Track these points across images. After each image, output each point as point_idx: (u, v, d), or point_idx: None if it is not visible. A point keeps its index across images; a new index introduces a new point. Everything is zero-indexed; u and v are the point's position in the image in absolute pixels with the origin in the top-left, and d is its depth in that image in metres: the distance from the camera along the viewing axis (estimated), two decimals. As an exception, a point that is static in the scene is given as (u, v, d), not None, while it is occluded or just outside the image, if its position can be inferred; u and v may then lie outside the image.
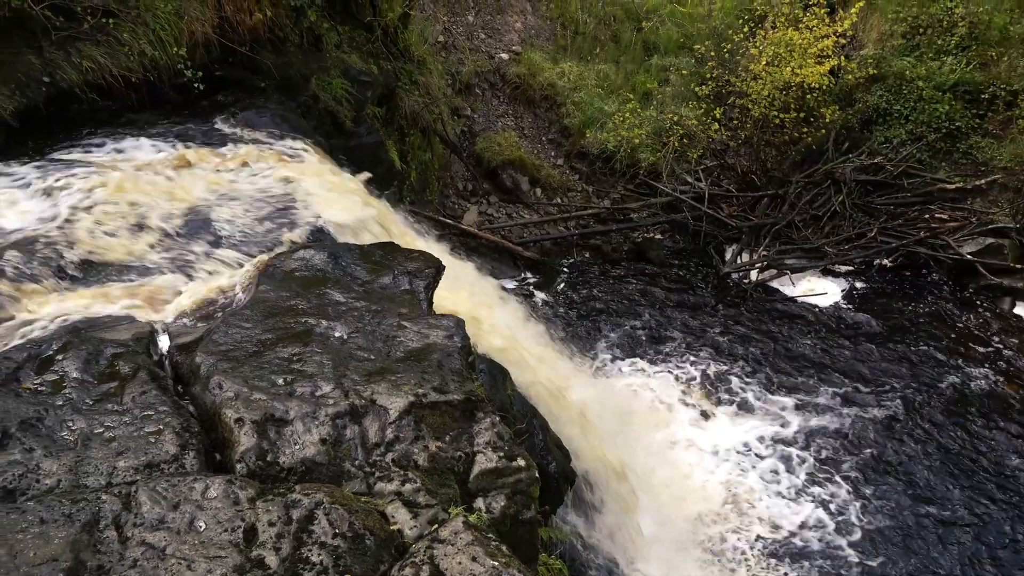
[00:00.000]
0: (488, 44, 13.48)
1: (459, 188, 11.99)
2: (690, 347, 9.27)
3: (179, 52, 6.71)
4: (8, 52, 5.91)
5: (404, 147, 10.16)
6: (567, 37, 13.99)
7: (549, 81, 12.94)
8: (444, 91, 11.84)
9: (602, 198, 12.43)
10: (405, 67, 10.19)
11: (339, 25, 9.21)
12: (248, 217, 5.04)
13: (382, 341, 3.78)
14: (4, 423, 2.83)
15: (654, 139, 12.20)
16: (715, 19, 13.71)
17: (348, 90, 8.46)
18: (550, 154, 12.79)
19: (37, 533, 2.35)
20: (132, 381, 3.23)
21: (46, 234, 4.37)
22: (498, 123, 12.80)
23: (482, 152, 12.12)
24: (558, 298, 10.28)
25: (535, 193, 12.17)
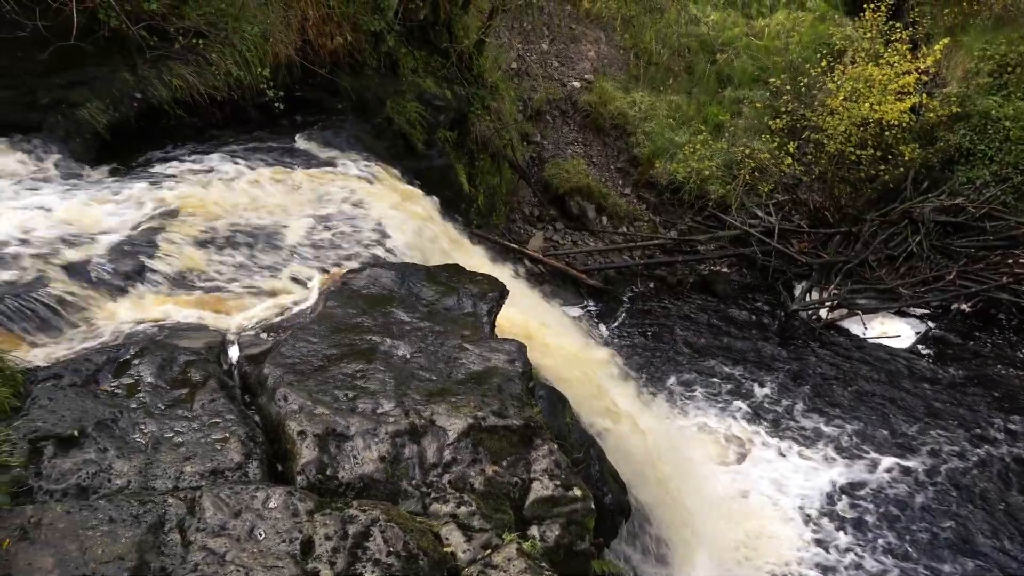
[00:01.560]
0: (561, 72, 13.58)
1: (525, 213, 12.06)
2: (754, 384, 9.06)
3: (263, 73, 6.97)
4: (105, 69, 6.23)
5: (473, 171, 10.28)
6: (640, 67, 13.99)
7: (620, 110, 12.94)
8: (515, 117, 11.96)
9: (669, 229, 12.32)
10: (478, 92, 10.34)
11: (416, 50, 9.43)
12: (320, 233, 5.16)
13: (444, 362, 3.81)
14: (82, 422, 2.94)
15: (724, 171, 12.06)
16: (792, 53, 13.55)
17: (421, 113, 8.62)
18: (618, 183, 12.76)
19: (106, 531, 2.42)
20: (202, 388, 3.33)
21: (130, 242, 4.55)
22: (567, 150, 12.85)
23: (550, 178, 12.17)
24: (620, 327, 10.20)
25: (601, 221, 12.14)
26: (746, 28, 14.68)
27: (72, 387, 3.17)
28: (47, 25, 5.70)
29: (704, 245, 11.98)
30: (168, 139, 6.46)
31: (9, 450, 2.71)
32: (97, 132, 6.00)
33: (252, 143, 6.55)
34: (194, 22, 6.68)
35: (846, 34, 13.33)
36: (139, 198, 5.11)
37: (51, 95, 5.92)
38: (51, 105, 5.89)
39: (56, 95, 5.94)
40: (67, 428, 2.89)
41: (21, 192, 4.97)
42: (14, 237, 4.30)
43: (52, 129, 5.82)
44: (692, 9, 14.64)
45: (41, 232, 4.42)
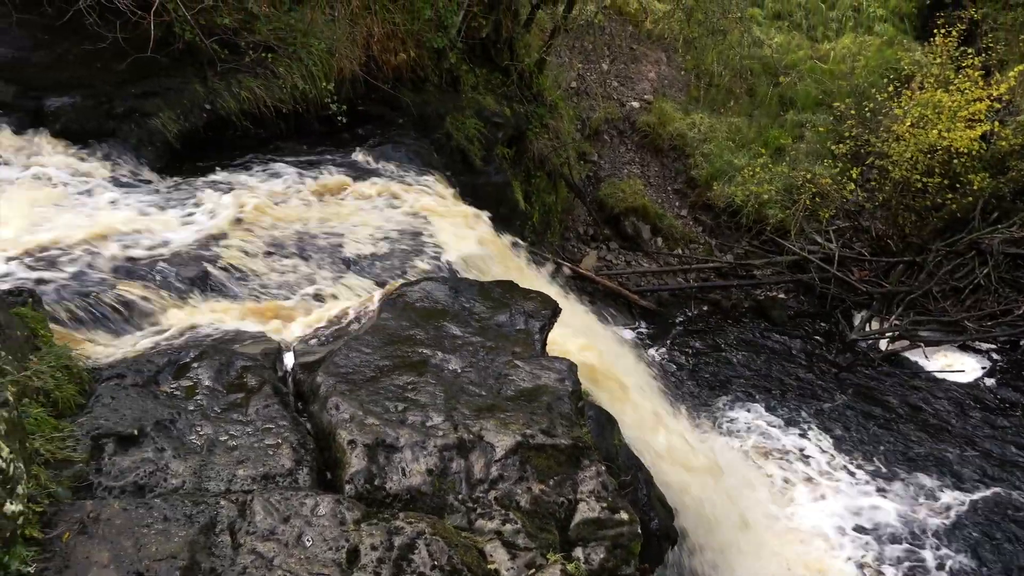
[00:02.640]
0: (620, 92, 13.57)
1: (580, 232, 12.04)
2: (809, 415, 8.84)
3: (327, 87, 7.13)
4: (178, 81, 6.46)
5: (529, 188, 10.33)
6: (700, 88, 13.91)
7: (679, 131, 12.87)
8: (573, 136, 11.99)
9: (725, 252, 12.16)
10: (537, 111, 10.39)
11: (477, 68, 9.54)
12: (377, 246, 5.23)
13: (494, 378, 3.81)
14: (142, 422, 3.02)
15: (784, 196, 11.87)
16: (858, 77, 13.31)
17: (480, 130, 8.71)
18: (674, 204, 12.66)
19: (160, 530, 2.48)
20: (257, 394, 3.39)
21: (193, 248, 4.69)
22: (624, 170, 12.81)
23: (605, 198, 12.14)
24: (673, 350, 10.08)
25: (656, 242, 12.05)
26: (811, 51, 14.49)
27: (134, 387, 3.26)
28: (126, 37, 5.95)
29: (761, 270, 11.79)
30: (234, 149, 6.64)
31: (73, 446, 2.79)
32: (167, 141, 6.21)
33: (314, 155, 6.69)
34: (264, 37, 6.88)
35: (915, 59, 13.05)
36: (204, 206, 5.27)
37: (126, 104, 6.15)
38: (126, 114, 6.12)
39: (131, 104, 6.17)
40: (128, 427, 2.97)
41: (94, 196, 5.16)
42: (85, 239, 4.47)
43: (126, 137, 6.04)
44: (755, 31, 14.51)
45: (111, 235, 4.58)
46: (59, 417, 2.90)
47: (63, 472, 2.69)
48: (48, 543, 2.33)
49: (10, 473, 2.24)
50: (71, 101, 5.99)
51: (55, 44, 6.23)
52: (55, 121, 5.87)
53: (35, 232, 4.45)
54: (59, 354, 3.13)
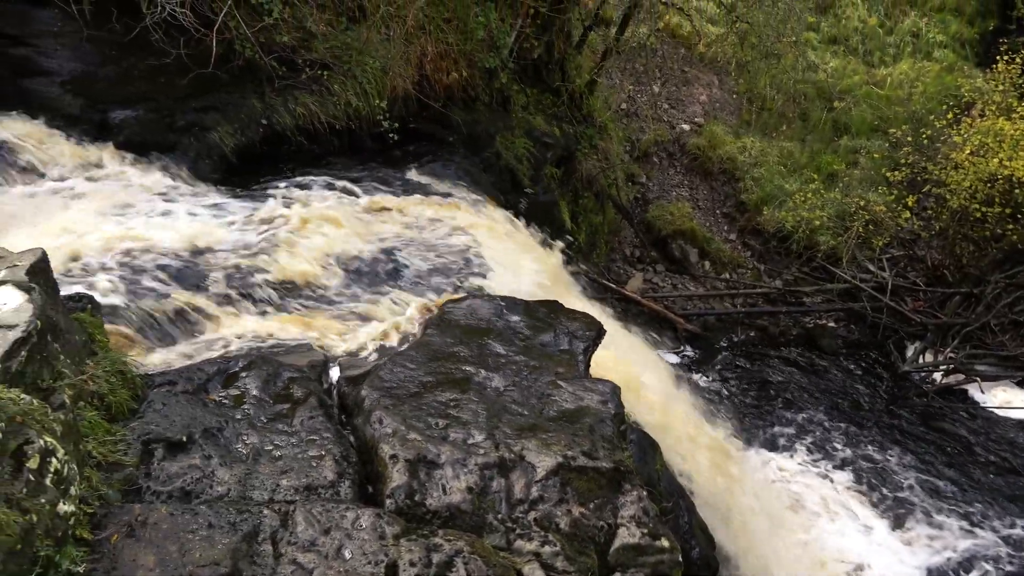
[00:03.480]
0: (671, 114, 13.52)
1: (626, 254, 11.98)
2: (857, 448, 8.61)
3: (380, 104, 7.25)
4: (237, 96, 6.63)
5: (577, 208, 10.33)
6: (752, 112, 13.78)
7: (729, 155, 12.76)
8: (622, 157, 11.98)
9: (773, 278, 11.97)
10: (586, 132, 10.41)
11: (528, 88, 9.61)
12: (425, 262, 5.28)
13: (536, 398, 3.80)
14: (191, 429, 3.08)
15: (836, 222, 11.66)
16: (915, 103, 13.05)
17: (529, 149, 8.75)
18: (723, 228, 12.53)
19: (204, 536, 2.52)
20: (303, 405, 3.44)
21: (246, 260, 4.79)
22: (672, 193, 12.73)
23: (653, 220, 12.07)
24: (717, 376, 9.93)
25: (703, 266, 11.92)
26: (867, 76, 14.26)
27: (184, 394, 3.33)
28: (189, 54, 6.13)
29: (810, 297, 11.57)
30: (288, 164, 6.78)
31: (124, 450, 2.86)
32: (224, 154, 6.37)
33: (366, 171, 6.80)
34: (321, 55, 7.03)
35: (976, 86, 12.73)
36: (257, 219, 5.38)
37: (187, 118, 6.33)
38: (186, 127, 6.30)
39: (191, 118, 6.35)
40: (177, 433, 3.03)
41: (153, 207, 5.31)
42: (142, 248, 4.60)
43: (185, 150, 6.21)
44: (810, 56, 14.35)
45: (167, 245, 4.71)
46: (112, 421, 2.98)
47: (114, 475, 2.75)
48: (97, 544, 2.38)
49: (64, 474, 2.30)
50: (134, 114, 6.19)
51: (122, 59, 6.46)
52: (119, 133, 6.07)
53: (95, 239, 4.59)
54: (114, 359, 3.22)
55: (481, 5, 8.07)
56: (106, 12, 6.18)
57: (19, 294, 2.72)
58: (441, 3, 7.90)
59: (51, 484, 2.24)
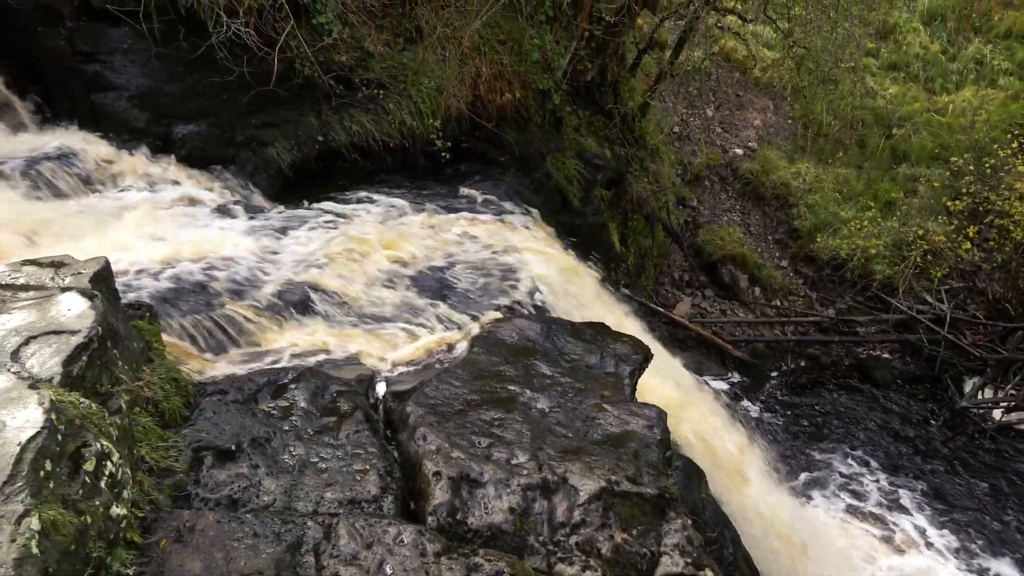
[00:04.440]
0: (723, 138, 13.42)
1: (675, 277, 11.88)
2: (910, 483, 8.34)
3: (434, 123, 7.35)
4: (295, 113, 6.79)
5: (626, 231, 10.28)
6: (807, 138, 13.60)
7: (782, 180, 12.59)
8: (673, 180, 11.91)
9: (826, 306, 11.73)
10: (638, 154, 10.39)
11: (580, 109, 9.64)
12: (473, 280, 5.31)
13: (581, 420, 3.77)
14: (240, 438, 3.14)
15: (892, 251, 11.39)
16: (978, 131, 12.72)
17: (580, 171, 8.76)
18: (774, 254, 12.34)
19: (249, 545, 2.55)
20: (349, 419, 3.47)
21: (299, 274, 4.87)
22: (723, 217, 12.60)
23: (703, 244, 11.96)
24: (766, 405, 9.74)
25: (753, 292, 11.75)
26: (927, 103, 13.97)
27: (235, 404, 3.39)
28: (251, 72, 6.31)
29: (864, 327, 11.30)
30: (342, 180, 6.91)
31: (175, 456, 2.92)
32: (281, 169, 6.52)
33: (418, 189, 6.88)
34: (377, 74, 7.17)
35: (1043, 115, 12.38)
36: (311, 233, 5.48)
37: (246, 133, 6.51)
38: (245, 143, 6.47)
39: (250, 134, 6.52)
40: (226, 442, 3.09)
41: (212, 219, 5.45)
42: (201, 259, 4.72)
43: (243, 164, 6.38)
44: (869, 82, 14.11)
45: (222, 257, 4.82)
46: (165, 427, 3.04)
47: (164, 480, 2.81)
48: (146, 548, 2.43)
49: (118, 478, 2.36)
50: (197, 129, 6.39)
51: (187, 76, 6.67)
52: (181, 147, 6.27)
53: (156, 250, 4.73)
54: (169, 367, 3.30)
55: (536, 27, 8.14)
56: (174, 31, 6.41)
57: (82, 301, 2.81)
58: (497, 25, 7.99)
59: (105, 487, 2.29)
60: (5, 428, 2.13)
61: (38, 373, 2.47)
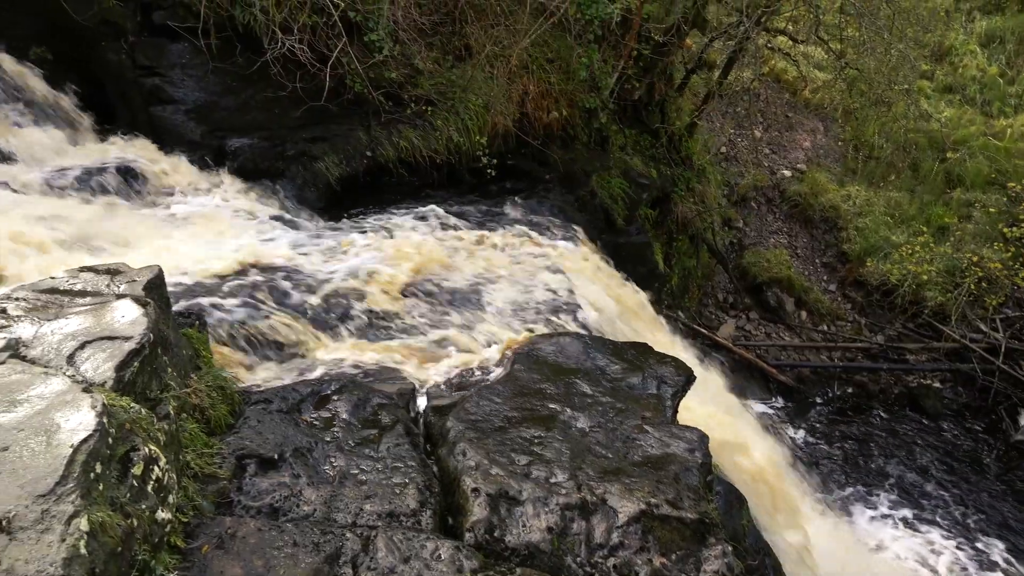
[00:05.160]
0: (771, 160, 13.27)
1: (719, 299, 11.74)
2: (961, 522, 8.07)
3: (480, 140, 7.40)
4: (344, 128, 6.90)
5: (670, 251, 10.21)
6: (858, 160, 13.37)
7: (832, 203, 12.39)
8: (719, 201, 11.80)
9: (875, 333, 11.47)
10: (684, 174, 10.33)
11: (626, 128, 9.63)
12: (516, 297, 5.31)
13: (621, 441, 3.74)
14: (282, 447, 3.18)
15: (946, 278, 11.10)
16: (1037, 157, 12.37)
17: (625, 190, 8.73)
18: (822, 278, 12.13)
19: (289, 554, 2.57)
20: (390, 432, 3.49)
21: (343, 286, 4.94)
22: (770, 239, 12.44)
23: (749, 266, 11.81)
24: (810, 431, 9.54)
25: (799, 316, 11.55)
26: (984, 127, 13.64)
27: (278, 413, 3.44)
28: (303, 87, 6.44)
29: (914, 355, 11.01)
30: (388, 194, 6.99)
31: (219, 463, 2.97)
32: (329, 183, 6.62)
33: (463, 204, 6.93)
34: (426, 91, 7.26)
35: (1106, 140, 12.00)
36: (357, 246, 5.56)
37: (297, 147, 6.64)
38: (296, 156, 6.60)
39: (301, 147, 6.65)
40: (270, 451, 3.13)
41: (261, 230, 5.56)
42: (249, 269, 4.81)
43: (293, 178, 6.50)
44: (923, 104, 13.84)
45: (271, 268, 4.91)
46: (210, 434, 3.10)
47: (208, 487, 2.85)
48: (189, 553, 2.46)
49: (165, 482, 2.40)
50: (249, 142, 6.53)
51: (242, 90, 6.84)
52: (234, 159, 6.42)
53: (206, 259, 4.83)
54: (216, 375, 3.36)
55: (584, 46, 8.17)
56: (231, 47, 6.59)
57: (136, 308, 2.88)
58: (545, 44, 8.04)
59: (152, 491, 2.34)
60: (59, 430, 2.19)
61: (92, 377, 2.53)
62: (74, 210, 5.12)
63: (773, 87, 13.91)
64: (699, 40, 11.05)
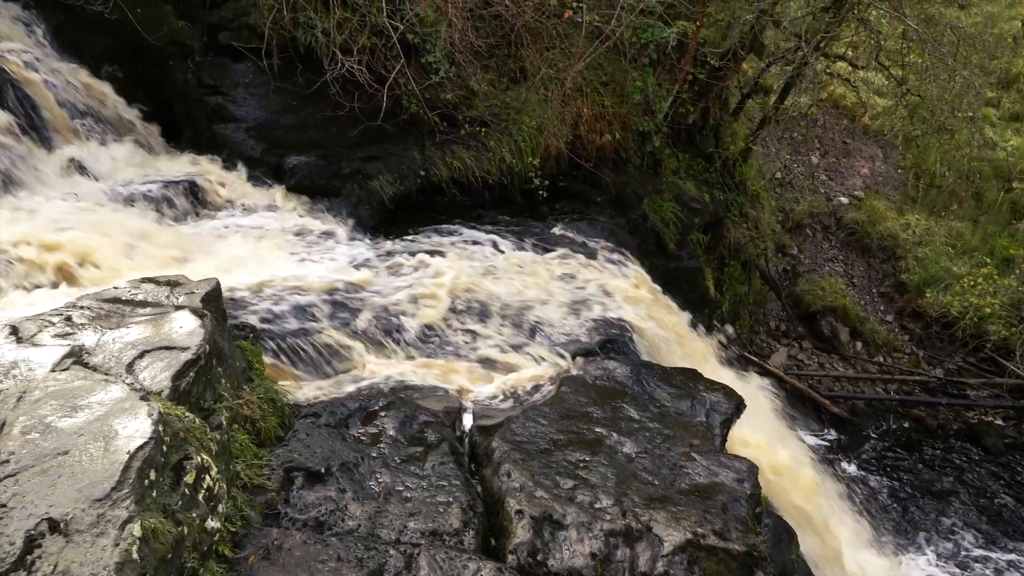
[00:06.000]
0: (828, 186, 13.04)
1: (770, 327, 11.53)
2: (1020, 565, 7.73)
3: (533, 162, 7.44)
4: (399, 148, 7.01)
5: (721, 276, 10.08)
6: (919, 188, 13.05)
7: (890, 231, 12.10)
8: (772, 227, 11.62)
9: (934, 366, 11.12)
10: (737, 199, 10.21)
11: (680, 152, 9.57)
12: (564, 319, 5.30)
13: (668, 468, 3.68)
14: (329, 461, 3.21)
15: (1010, 311, 10.71)
16: (1109, 188, 11.92)
17: (677, 214, 8.66)
18: (878, 308, 11.83)
19: (333, 568, 2.59)
20: (435, 450, 3.50)
21: (393, 303, 4.99)
22: (825, 267, 12.19)
23: (802, 294, 11.58)
24: (864, 466, 9.26)
25: (854, 346, 11.26)
26: (1054, 157, 13.20)
27: (327, 427, 3.48)
28: (361, 107, 6.57)
29: (975, 390, 10.64)
30: (440, 214, 7.06)
31: (268, 475, 3.01)
32: (383, 201, 6.72)
33: (514, 225, 6.95)
34: (480, 112, 7.33)
35: None
36: (407, 265, 5.62)
37: (352, 166, 6.76)
38: (351, 175, 6.72)
39: (356, 166, 6.77)
40: (317, 464, 3.17)
41: (315, 247, 5.66)
42: (303, 284, 4.89)
43: (348, 195, 6.62)
44: (988, 132, 13.46)
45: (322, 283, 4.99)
46: (260, 446, 3.15)
47: (257, 498, 2.89)
48: (236, 562, 2.50)
49: (215, 492, 2.45)
50: (306, 160, 6.68)
51: (301, 109, 7.01)
52: (291, 177, 6.57)
53: (261, 274, 4.94)
54: (268, 388, 3.42)
55: (639, 70, 8.17)
56: (292, 67, 6.76)
57: (193, 319, 2.96)
58: (600, 67, 8.06)
59: (203, 500, 2.38)
60: (117, 436, 2.25)
61: (149, 386, 2.60)
62: (137, 222, 5.28)
63: (831, 112, 13.69)
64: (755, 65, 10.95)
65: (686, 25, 8.20)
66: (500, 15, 7.46)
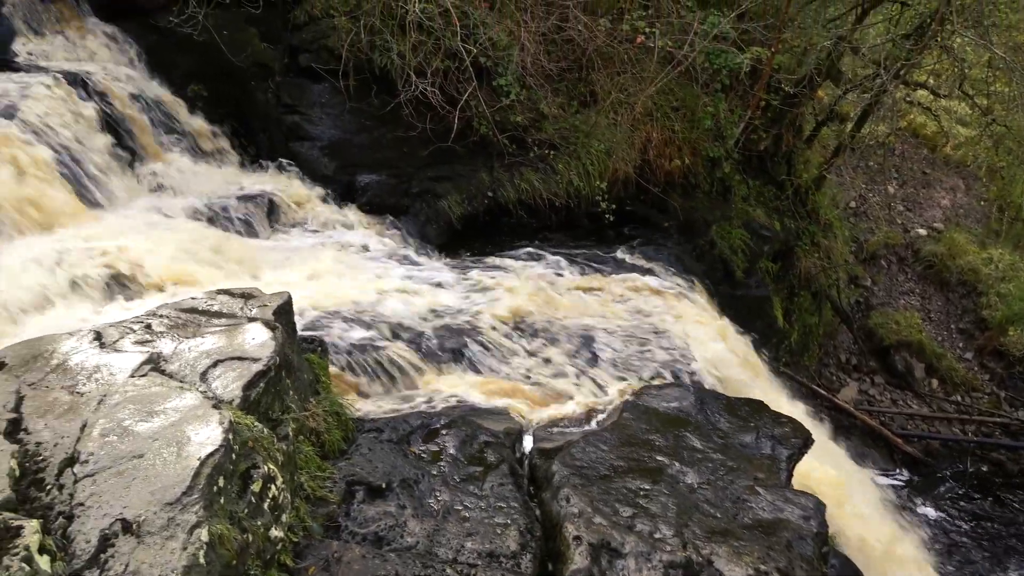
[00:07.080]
0: (905, 217, 12.64)
1: (841, 360, 11.18)
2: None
3: (600, 185, 7.43)
4: (468, 168, 7.10)
5: (791, 306, 9.84)
6: (1003, 221, 12.55)
7: (971, 266, 11.65)
8: (845, 257, 11.31)
9: (1016, 408, 10.60)
10: (809, 228, 9.98)
11: (750, 179, 9.41)
12: (627, 344, 5.25)
13: (731, 501, 3.60)
14: (390, 477, 3.24)
15: (1101, 353, 10.18)
16: None
17: (746, 241, 8.51)
18: (957, 345, 11.36)
19: (390, 584, 2.60)
20: (494, 471, 3.49)
21: (458, 323, 5.03)
22: (900, 300, 11.79)
23: (875, 327, 11.21)
24: (939, 510, 8.86)
25: (930, 384, 10.83)
26: None
27: (389, 443, 3.51)
28: (432, 128, 6.68)
29: (1061, 435, 10.10)
30: (507, 235, 7.11)
31: (330, 487, 3.06)
32: (451, 221, 6.81)
33: (579, 249, 6.95)
34: (550, 135, 7.37)
35: None
36: (473, 285, 5.67)
37: (422, 185, 6.87)
38: (420, 194, 6.83)
39: (426, 186, 6.88)
40: (378, 479, 3.20)
41: (384, 264, 5.76)
42: (371, 300, 4.98)
43: (416, 214, 6.73)
44: (1080, 165, 12.87)
45: (391, 300, 5.07)
46: (324, 458, 3.20)
47: (319, 510, 2.94)
48: (296, 573, 2.54)
49: (280, 501, 2.50)
50: (378, 179, 6.83)
51: (375, 129, 7.16)
52: (363, 195, 6.72)
53: (331, 289, 5.05)
54: (334, 401, 3.48)
55: (711, 95, 8.10)
56: (367, 88, 6.93)
57: (265, 331, 3.04)
58: (671, 92, 8.03)
59: (268, 509, 2.43)
60: (189, 443, 2.32)
61: (221, 394, 2.68)
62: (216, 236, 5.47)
63: (910, 142, 13.31)
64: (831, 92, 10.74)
65: (760, 51, 8.10)
66: (572, 39, 7.51)
